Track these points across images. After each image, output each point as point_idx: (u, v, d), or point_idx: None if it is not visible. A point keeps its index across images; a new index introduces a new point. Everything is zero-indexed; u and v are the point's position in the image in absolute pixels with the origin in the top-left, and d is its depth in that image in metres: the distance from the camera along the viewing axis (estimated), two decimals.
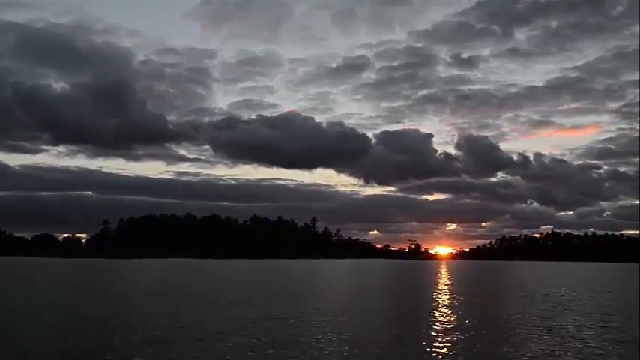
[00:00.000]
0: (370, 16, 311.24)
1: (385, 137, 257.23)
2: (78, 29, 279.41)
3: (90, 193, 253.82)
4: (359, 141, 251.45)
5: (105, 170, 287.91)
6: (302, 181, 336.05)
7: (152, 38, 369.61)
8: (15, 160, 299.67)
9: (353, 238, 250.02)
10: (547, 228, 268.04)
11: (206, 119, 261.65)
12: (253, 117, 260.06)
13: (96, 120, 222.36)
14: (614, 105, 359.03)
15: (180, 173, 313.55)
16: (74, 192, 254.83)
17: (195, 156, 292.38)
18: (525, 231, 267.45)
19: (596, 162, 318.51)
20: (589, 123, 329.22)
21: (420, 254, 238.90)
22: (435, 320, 20.85)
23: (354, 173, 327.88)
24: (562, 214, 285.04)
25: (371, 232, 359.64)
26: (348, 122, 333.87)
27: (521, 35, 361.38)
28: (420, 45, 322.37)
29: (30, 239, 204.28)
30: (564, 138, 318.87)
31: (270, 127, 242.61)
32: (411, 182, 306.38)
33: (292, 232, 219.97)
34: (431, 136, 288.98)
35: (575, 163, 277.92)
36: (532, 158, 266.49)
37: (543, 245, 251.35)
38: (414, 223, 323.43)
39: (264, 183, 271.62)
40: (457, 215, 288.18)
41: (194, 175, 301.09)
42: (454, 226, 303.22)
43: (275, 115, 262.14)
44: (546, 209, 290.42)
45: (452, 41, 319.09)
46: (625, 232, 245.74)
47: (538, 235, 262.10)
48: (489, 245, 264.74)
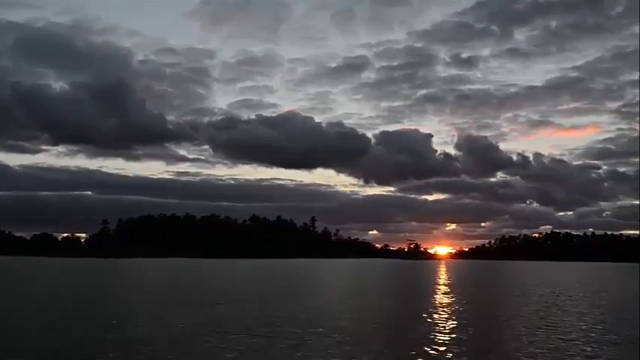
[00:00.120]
0: (369, 16, 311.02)
1: (385, 137, 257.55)
2: (77, 29, 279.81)
3: (89, 193, 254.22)
4: (358, 141, 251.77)
5: (104, 170, 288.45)
6: (301, 181, 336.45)
7: (152, 38, 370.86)
8: (14, 160, 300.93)
9: (352, 238, 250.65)
10: (546, 228, 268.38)
11: (206, 119, 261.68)
12: (253, 117, 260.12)
13: (95, 120, 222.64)
14: (613, 105, 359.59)
15: (179, 173, 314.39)
16: (74, 192, 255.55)
17: (194, 156, 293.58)
18: (525, 231, 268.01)
19: (595, 162, 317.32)
20: (588, 123, 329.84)
21: (420, 254, 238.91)
22: (432, 320, 20.82)
23: (354, 173, 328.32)
24: (561, 214, 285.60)
25: (370, 232, 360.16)
26: (348, 122, 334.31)
27: (520, 35, 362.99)
28: (420, 45, 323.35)
29: (29, 239, 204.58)
30: (564, 138, 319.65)
31: (269, 127, 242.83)
32: (411, 182, 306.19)
33: (291, 232, 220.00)
34: (430, 136, 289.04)
35: (574, 163, 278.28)
36: (531, 158, 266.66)
37: (543, 245, 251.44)
38: (414, 223, 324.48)
39: (263, 183, 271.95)
40: (456, 215, 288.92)
41: (194, 175, 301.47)
42: (454, 226, 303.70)
43: (274, 115, 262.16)
44: (546, 209, 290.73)
45: (451, 41, 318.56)
46: (624, 232, 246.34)
47: (537, 235, 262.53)
48: (489, 245, 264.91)
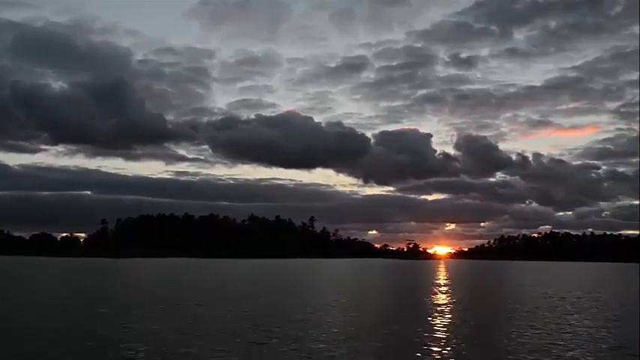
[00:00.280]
0: (369, 16, 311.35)
1: (384, 137, 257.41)
2: (77, 28, 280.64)
3: (89, 193, 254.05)
4: (358, 141, 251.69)
5: (104, 170, 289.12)
6: (301, 181, 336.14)
7: (151, 38, 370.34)
8: (14, 160, 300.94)
9: (352, 238, 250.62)
10: (546, 228, 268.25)
11: (205, 119, 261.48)
12: (252, 117, 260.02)
13: (95, 119, 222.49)
14: (612, 105, 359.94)
15: (179, 173, 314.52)
16: (73, 191, 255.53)
17: (194, 156, 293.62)
18: (524, 231, 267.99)
19: (594, 162, 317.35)
20: (588, 123, 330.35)
21: (419, 254, 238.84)
22: (423, 321, 20.87)
23: (353, 173, 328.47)
24: (561, 214, 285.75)
25: (370, 232, 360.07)
26: (347, 122, 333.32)
27: (519, 35, 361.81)
28: (419, 45, 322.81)
29: (28, 239, 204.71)
30: (563, 138, 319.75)
31: (269, 127, 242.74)
32: (410, 182, 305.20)
33: (290, 232, 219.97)
34: (430, 136, 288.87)
35: (573, 163, 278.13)
36: (531, 158, 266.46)
37: (542, 245, 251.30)
38: (413, 223, 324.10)
39: (263, 183, 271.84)
40: (456, 215, 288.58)
41: (193, 175, 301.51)
42: (453, 226, 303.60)
43: (274, 115, 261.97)
44: (545, 209, 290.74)
45: (450, 41, 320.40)
46: (624, 232, 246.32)
47: (537, 235, 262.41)
48: (488, 245, 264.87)
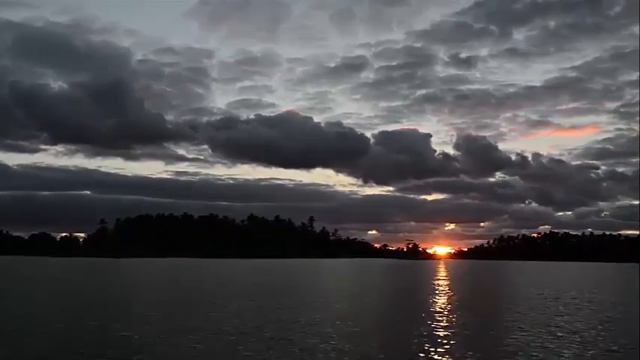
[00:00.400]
0: (368, 16, 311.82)
1: (384, 137, 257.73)
2: (76, 28, 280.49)
3: (88, 193, 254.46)
4: (357, 141, 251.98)
5: (103, 170, 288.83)
6: (300, 181, 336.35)
7: (150, 37, 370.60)
8: (13, 160, 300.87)
9: (351, 238, 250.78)
10: (545, 228, 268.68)
11: (204, 119, 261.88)
12: (252, 117, 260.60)
13: (94, 119, 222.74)
14: (612, 105, 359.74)
15: (178, 173, 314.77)
16: (72, 191, 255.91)
17: (193, 155, 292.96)
18: (524, 231, 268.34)
19: (594, 162, 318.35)
20: (587, 123, 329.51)
21: (419, 254, 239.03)
22: (420, 321, 20.88)
23: (353, 173, 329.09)
24: (560, 214, 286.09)
25: (369, 232, 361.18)
26: (347, 122, 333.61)
27: (519, 35, 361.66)
28: (419, 45, 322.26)
29: (27, 238, 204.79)
30: (563, 138, 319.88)
31: (268, 127, 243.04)
32: (410, 182, 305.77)
33: (289, 232, 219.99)
34: (429, 136, 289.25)
35: (573, 163, 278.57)
36: (530, 158, 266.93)
37: (541, 245, 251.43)
38: (413, 223, 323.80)
39: (262, 183, 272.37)
40: (456, 215, 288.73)
41: (193, 175, 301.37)
42: (452, 226, 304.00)
43: (273, 115, 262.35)
44: (545, 209, 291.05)
45: (450, 41, 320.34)
46: (623, 233, 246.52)
47: (536, 235, 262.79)
48: (487, 245, 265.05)
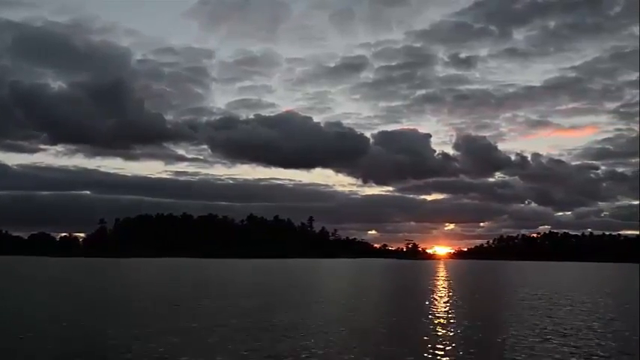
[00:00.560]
0: (368, 16, 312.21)
1: (383, 137, 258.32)
2: (76, 28, 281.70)
3: (88, 193, 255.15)
4: (357, 141, 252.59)
5: (103, 170, 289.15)
6: (300, 181, 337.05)
7: (150, 37, 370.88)
8: (13, 160, 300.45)
9: (351, 238, 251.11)
10: (545, 228, 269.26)
11: (204, 119, 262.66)
12: (251, 116, 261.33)
13: (94, 119, 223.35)
14: (611, 105, 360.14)
15: (178, 173, 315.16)
16: (72, 191, 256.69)
17: (193, 155, 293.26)
18: (523, 231, 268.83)
19: (594, 162, 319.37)
20: (587, 123, 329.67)
21: (418, 254, 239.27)
22: (419, 321, 20.84)
23: (352, 173, 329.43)
24: (560, 214, 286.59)
25: (369, 232, 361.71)
26: (347, 122, 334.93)
27: (519, 35, 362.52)
28: (418, 45, 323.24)
29: (26, 238, 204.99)
30: (562, 138, 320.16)
31: (268, 127, 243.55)
32: (409, 182, 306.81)
33: (289, 232, 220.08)
34: (429, 136, 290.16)
35: (573, 164, 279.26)
36: (530, 158, 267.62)
37: (541, 245, 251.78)
38: (412, 223, 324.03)
39: (262, 182, 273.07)
40: (455, 215, 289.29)
41: (192, 175, 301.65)
42: (452, 226, 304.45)
43: (273, 115, 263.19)
44: (544, 209, 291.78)
45: (450, 41, 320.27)
46: (623, 233, 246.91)
47: (536, 235, 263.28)
48: (487, 245, 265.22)
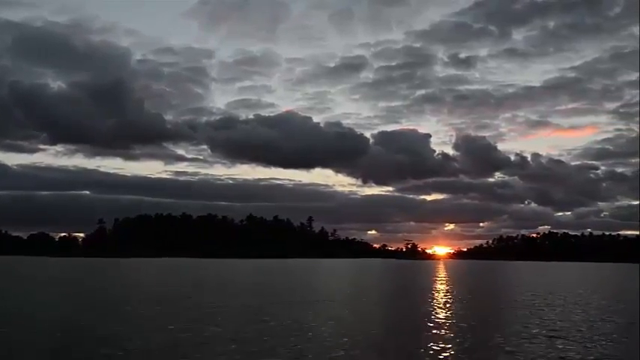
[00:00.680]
0: (368, 16, 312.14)
1: (383, 137, 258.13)
2: (75, 28, 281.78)
3: (87, 193, 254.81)
4: (357, 141, 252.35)
5: (102, 170, 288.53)
6: (300, 181, 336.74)
7: (150, 37, 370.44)
8: (12, 160, 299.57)
9: (350, 238, 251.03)
10: (545, 228, 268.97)
11: (204, 119, 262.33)
12: (251, 116, 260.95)
13: (93, 119, 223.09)
14: (611, 105, 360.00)
15: (178, 173, 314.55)
16: (71, 191, 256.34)
17: (193, 155, 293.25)
18: (523, 231, 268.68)
19: (593, 162, 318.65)
20: (587, 123, 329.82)
21: (418, 254, 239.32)
22: (416, 321, 20.78)
23: (352, 173, 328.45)
24: (560, 215, 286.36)
25: (369, 232, 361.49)
26: (346, 122, 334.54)
27: (518, 35, 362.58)
28: (418, 45, 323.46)
29: (26, 238, 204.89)
30: (562, 138, 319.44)
31: (268, 127, 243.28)
32: (409, 182, 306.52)
33: (288, 232, 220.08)
34: (429, 136, 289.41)
35: (572, 164, 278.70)
36: (530, 158, 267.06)
37: (541, 245, 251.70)
38: (412, 223, 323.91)
39: (262, 182, 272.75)
40: (455, 215, 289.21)
41: (192, 175, 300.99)
42: (452, 226, 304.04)
43: (273, 115, 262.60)
44: (544, 209, 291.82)
45: (449, 41, 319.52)
46: (622, 233, 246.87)
47: (536, 235, 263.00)
48: (487, 245, 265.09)
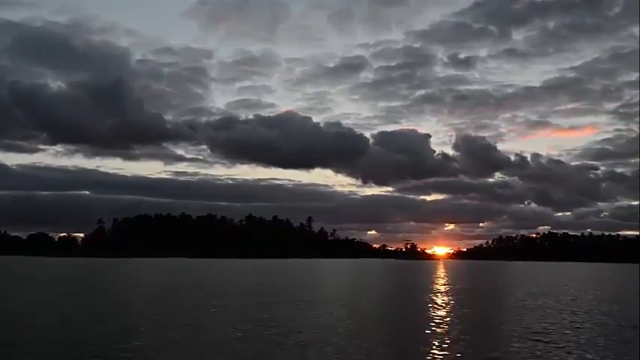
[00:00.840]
0: (367, 16, 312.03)
1: (383, 137, 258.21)
2: (75, 28, 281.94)
3: (87, 193, 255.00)
4: (357, 141, 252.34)
5: (102, 170, 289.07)
6: (300, 181, 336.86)
7: (149, 37, 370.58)
8: (12, 160, 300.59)
9: (350, 238, 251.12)
10: (544, 228, 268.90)
11: (204, 119, 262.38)
12: (251, 117, 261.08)
13: (93, 119, 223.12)
14: (611, 106, 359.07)
15: (177, 173, 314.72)
16: (71, 191, 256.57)
17: (192, 156, 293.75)
18: (523, 231, 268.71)
19: (593, 162, 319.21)
20: (586, 124, 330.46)
21: (418, 254, 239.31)
22: (417, 321, 20.73)
23: (352, 173, 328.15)
24: (560, 215, 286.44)
25: (369, 232, 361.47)
26: (346, 122, 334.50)
27: (518, 36, 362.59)
28: (418, 45, 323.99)
29: (25, 238, 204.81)
30: (562, 138, 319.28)
31: (267, 127, 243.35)
32: (409, 182, 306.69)
33: (288, 232, 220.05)
34: (428, 137, 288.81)
35: (572, 164, 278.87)
36: (529, 159, 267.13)
37: (541, 245, 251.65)
38: (412, 223, 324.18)
39: (261, 183, 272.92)
40: (455, 215, 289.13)
41: (192, 175, 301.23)
42: (452, 226, 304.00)
43: (273, 115, 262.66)
44: (544, 209, 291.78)
45: (449, 41, 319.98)
46: (622, 233, 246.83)
47: (535, 236, 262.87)
48: (487, 245, 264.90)
